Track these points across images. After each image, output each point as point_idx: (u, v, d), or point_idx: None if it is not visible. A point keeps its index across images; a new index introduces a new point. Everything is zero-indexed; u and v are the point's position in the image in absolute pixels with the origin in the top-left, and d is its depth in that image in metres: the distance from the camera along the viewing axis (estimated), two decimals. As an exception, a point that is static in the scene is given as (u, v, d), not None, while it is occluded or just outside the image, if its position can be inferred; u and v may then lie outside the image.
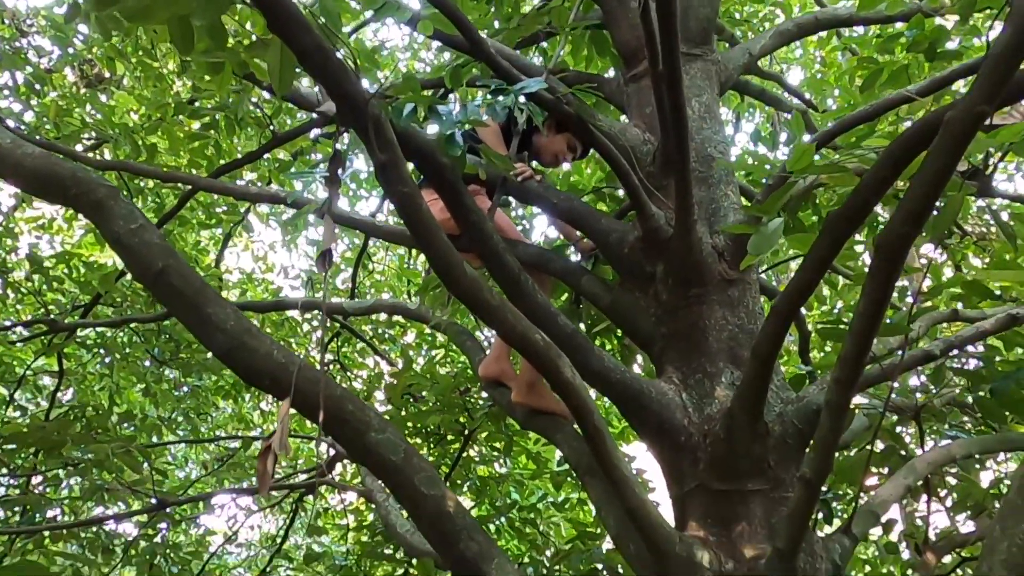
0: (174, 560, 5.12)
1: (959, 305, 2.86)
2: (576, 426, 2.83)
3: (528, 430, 2.92)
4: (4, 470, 4.06)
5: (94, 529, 5.00)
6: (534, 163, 3.14)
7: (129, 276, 5.29)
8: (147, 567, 4.87)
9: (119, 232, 1.86)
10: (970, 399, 2.88)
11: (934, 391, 2.86)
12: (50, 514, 4.54)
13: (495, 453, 4.77)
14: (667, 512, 2.14)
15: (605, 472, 1.92)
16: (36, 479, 4.40)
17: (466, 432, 4.25)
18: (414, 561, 3.62)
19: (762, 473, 2.08)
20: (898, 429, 2.93)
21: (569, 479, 4.95)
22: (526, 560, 4.43)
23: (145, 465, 3.87)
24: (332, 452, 4.71)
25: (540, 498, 5.04)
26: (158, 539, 5.03)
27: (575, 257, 3.16)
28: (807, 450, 2.14)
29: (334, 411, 1.87)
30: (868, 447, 2.38)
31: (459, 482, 4.64)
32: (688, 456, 2.14)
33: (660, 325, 2.38)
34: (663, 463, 2.24)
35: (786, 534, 1.81)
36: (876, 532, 4.10)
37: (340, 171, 1.51)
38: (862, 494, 2.29)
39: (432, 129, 1.97)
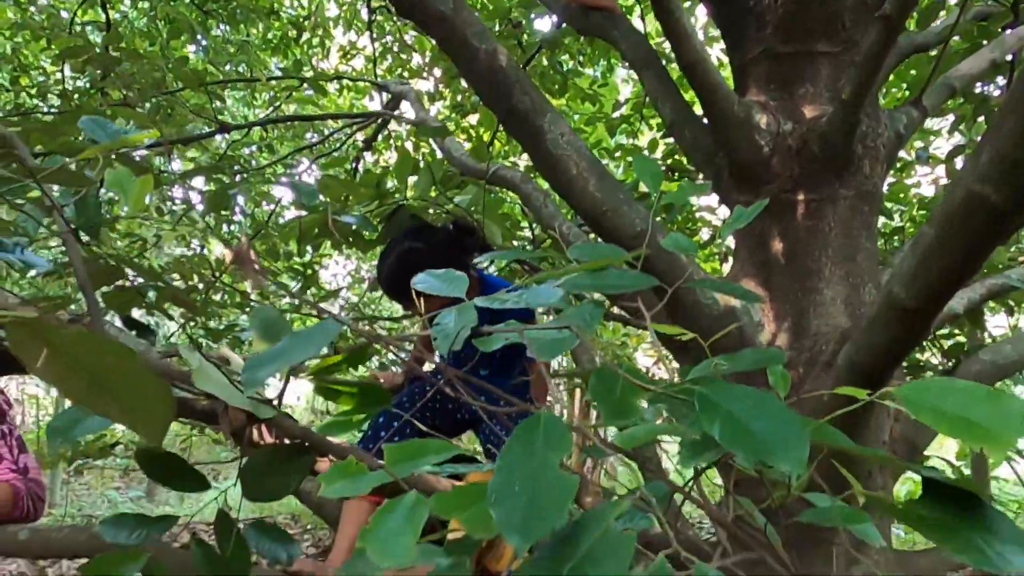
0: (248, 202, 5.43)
1: None
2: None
3: (586, 35, 2.76)
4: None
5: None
6: None
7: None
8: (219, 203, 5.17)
9: None
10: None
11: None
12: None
13: (549, 95, 4.68)
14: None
15: (664, 24, 1.81)
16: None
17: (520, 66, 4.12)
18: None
19: (835, 34, 1.93)
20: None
21: (624, 124, 4.89)
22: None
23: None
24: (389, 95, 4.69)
25: (594, 145, 5.04)
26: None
27: None
28: None
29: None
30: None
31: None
32: (755, 20, 1.99)
33: None
34: (726, 30, 2.10)
35: (854, 82, 1.71)
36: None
37: None
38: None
39: None
